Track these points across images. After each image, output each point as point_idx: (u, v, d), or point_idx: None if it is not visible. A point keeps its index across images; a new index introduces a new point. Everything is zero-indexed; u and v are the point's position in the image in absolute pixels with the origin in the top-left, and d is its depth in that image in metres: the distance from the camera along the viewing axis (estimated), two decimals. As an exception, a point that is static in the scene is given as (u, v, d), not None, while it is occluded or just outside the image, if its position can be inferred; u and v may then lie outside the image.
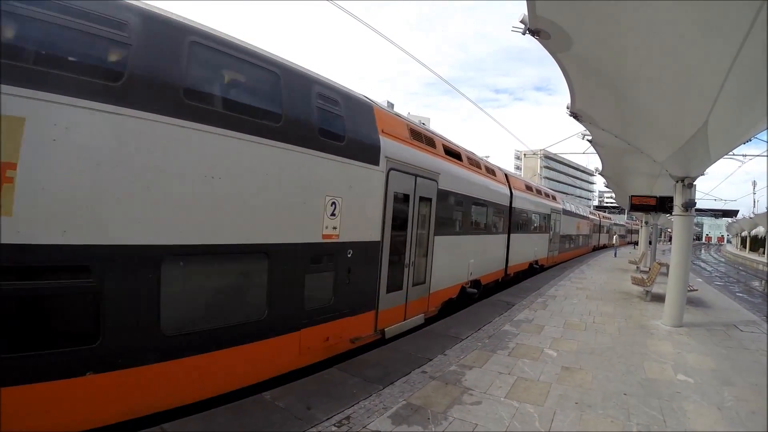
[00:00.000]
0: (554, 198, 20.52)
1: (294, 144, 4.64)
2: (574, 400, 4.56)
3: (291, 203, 4.72)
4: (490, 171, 11.83)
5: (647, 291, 11.10)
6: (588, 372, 5.47)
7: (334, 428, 3.79)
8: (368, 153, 5.85)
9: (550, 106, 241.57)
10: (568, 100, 7.67)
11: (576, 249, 26.54)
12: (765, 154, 16.99)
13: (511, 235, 13.28)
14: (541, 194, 17.89)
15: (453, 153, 9.12)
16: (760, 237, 49.42)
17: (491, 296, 10.80)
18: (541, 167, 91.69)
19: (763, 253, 44.26)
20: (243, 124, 4.12)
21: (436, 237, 7.90)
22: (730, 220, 59.46)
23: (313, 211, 5.00)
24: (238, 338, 4.22)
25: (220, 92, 4.25)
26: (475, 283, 10.52)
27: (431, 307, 8.05)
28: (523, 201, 14.57)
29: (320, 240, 5.08)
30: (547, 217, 17.97)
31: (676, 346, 6.80)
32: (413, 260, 7.12)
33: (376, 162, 5.97)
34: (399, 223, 6.70)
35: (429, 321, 7.81)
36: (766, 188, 42.35)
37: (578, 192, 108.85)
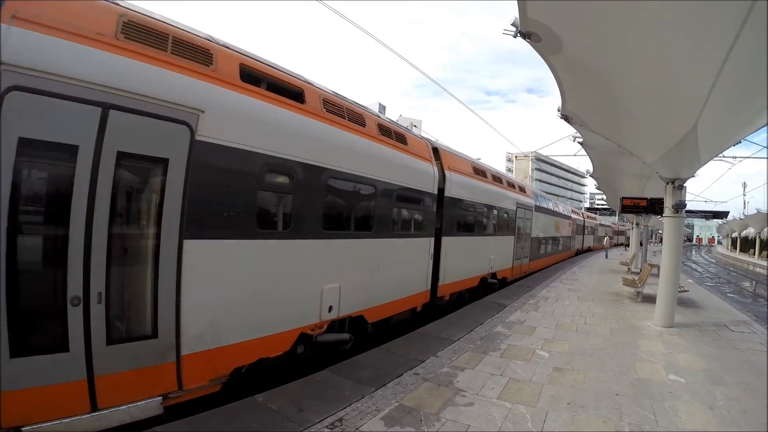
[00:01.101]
0: (522, 190, 15.86)
1: None
2: (566, 401, 4.57)
3: None
4: (394, 135, 7.45)
5: (638, 292, 11.16)
6: (580, 373, 5.48)
7: (326, 430, 3.78)
8: None
9: (542, 109, 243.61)
10: (559, 102, 7.75)
11: (554, 254, 22.06)
12: (755, 156, 17.30)
13: (445, 239, 9.18)
14: (501, 183, 13.15)
15: (275, 84, 5.14)
16: (750, 238, 50.03)
17: (483, 298, 10.81)
18: (532, 169, 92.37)
19: (754, 253, 44.84)
20: None
21: (189, 242, 3.94)
22: (720, 221, 60.22)
23: None
24: None
25: None
26: (352, 321, 6.35)
27: (192, 382, 4.05)
28: (468, 189, 10.38)
29: None
30: (512, 214, 13.90)
31: (668, 347, 6.84)
32: (103, 291, 3.41)
33: None
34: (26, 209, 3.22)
35: (207, 403, 4.17)
36: (761, 188, 42.86)
37: (569, 194, 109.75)
